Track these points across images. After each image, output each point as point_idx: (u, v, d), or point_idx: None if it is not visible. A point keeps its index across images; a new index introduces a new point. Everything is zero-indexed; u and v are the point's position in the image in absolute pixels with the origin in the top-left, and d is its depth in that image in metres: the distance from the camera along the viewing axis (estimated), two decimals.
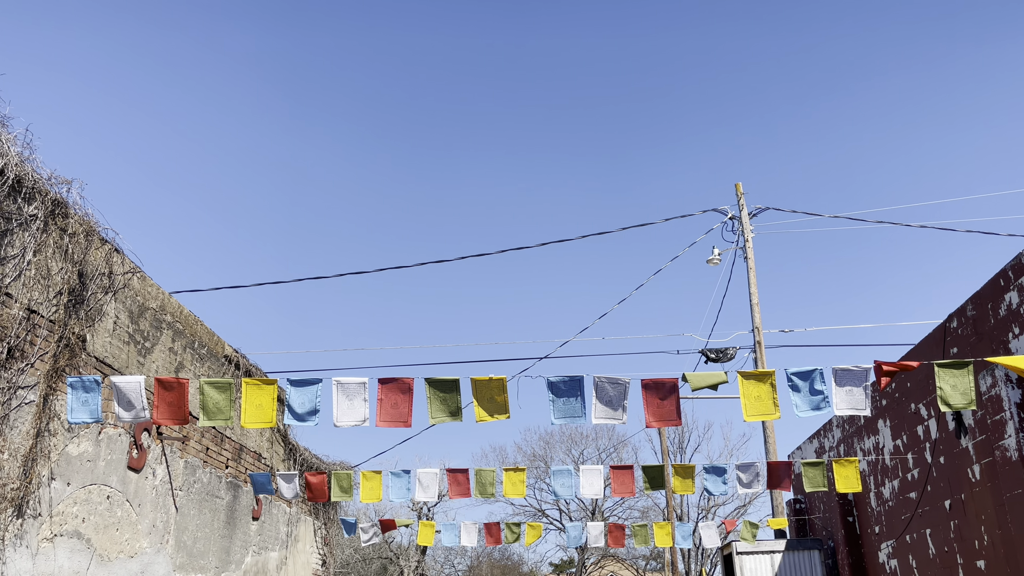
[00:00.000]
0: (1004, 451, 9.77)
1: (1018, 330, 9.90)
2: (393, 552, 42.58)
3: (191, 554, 10.20)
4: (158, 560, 9.40)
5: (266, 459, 12.83)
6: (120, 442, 8.67)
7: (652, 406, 7.77)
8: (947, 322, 11.71)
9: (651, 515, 45.13)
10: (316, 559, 15.15)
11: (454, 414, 7.57)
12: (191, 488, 10.29)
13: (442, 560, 52.10)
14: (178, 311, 10.15)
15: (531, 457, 48.68)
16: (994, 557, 10.70)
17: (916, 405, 12.91)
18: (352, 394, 7.59)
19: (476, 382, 7.66)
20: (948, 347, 11.60)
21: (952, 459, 11.78)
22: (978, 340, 10.82)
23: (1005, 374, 9.81)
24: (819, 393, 7.48)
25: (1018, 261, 9.94)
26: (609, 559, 51.77)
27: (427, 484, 12.04)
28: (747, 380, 7.62)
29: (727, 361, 18.80)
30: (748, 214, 19.51)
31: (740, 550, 16.33)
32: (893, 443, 13.85)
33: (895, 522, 13.98)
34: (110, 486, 8.47)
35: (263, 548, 12.58)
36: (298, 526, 14.27)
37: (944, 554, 12.20)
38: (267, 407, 7.47)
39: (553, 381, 7.74)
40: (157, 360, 9.52)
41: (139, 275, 9.17)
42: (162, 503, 9.55)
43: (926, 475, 12.65)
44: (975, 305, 10.93)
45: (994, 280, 10.44)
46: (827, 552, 16.64)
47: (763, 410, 7.56)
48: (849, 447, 15.87)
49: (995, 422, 9.97)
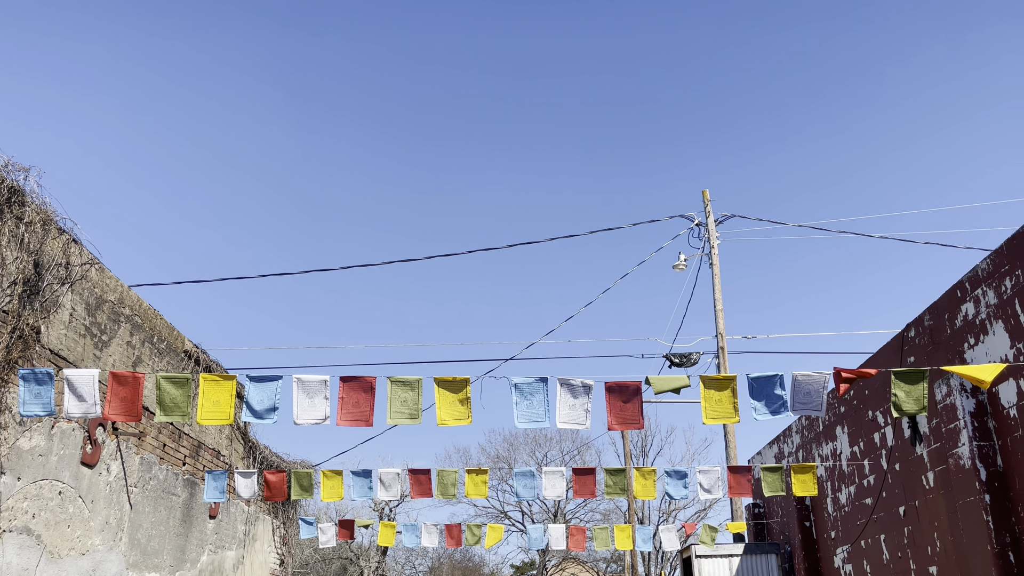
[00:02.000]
0: (958, 459, 9.96)
1: (973, 340, 10.11)
2: (353, 552, 42.26)
3: (145, 552, 10.02)
4: (110, 558, 9.22)
5: (225, 457, 12.65)
6: (74, 437, 8.49)
7: (615, 409, 7.79)
8: (905, 331, 11.92)
9: (613, 518, 45.35)
10: (274, 559, 14.98)
11: (414, 416, 7.52)
12: (146, 485, 10.10)
13: (403, 561, 51.85)
14: (137, 304, 9.97)
15: (495, 458, 48.67)
16: (946, 563, 10.91)
17: (873, 412, 13.12)
18: (313, 392, 7.51)
19: (440, 383, 7.62)
20: (906, 356, 11.80)
21: (907, 466, 11.98)
22: (935, 349, 11.02)
23: (960, 383, 10.00)
24: (778, 398, 7.56)
25: (975, 273, 10.14)
26: (570, 561, 51.90)
27: (389, 484, 11.97)
28: (708, 384, 7.68)
29: (691, 366, 18.96)
30: (714, 221, 19.70)
31: (699, 553, 16.46)
32: (850, 449, 14.06)
33: (851, 527, 14.19)
34: (62, 482, 8.29)
35: (220, 547, 12.40)
36: (256, 525, 14.09)
37: (898, 560, 12.41)
38: (225, 404, 7.36)
39: (518, 383, 7.73)
40: (114, 354, 9.33)
41: (97, 267, 8.99)
42: (116, 500, 9.36)
43: (881, 481, 12.85)
44: (932, 315, 11.13)
45: (951, 291, 10.65)
46: (784, 556, 16.84)
47: (723, 414, 7.62)
48: (808, 453, 16.08)
49: (949, 430, 10.16)
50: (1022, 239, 9.11)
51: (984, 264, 9.90)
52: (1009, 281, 9.36)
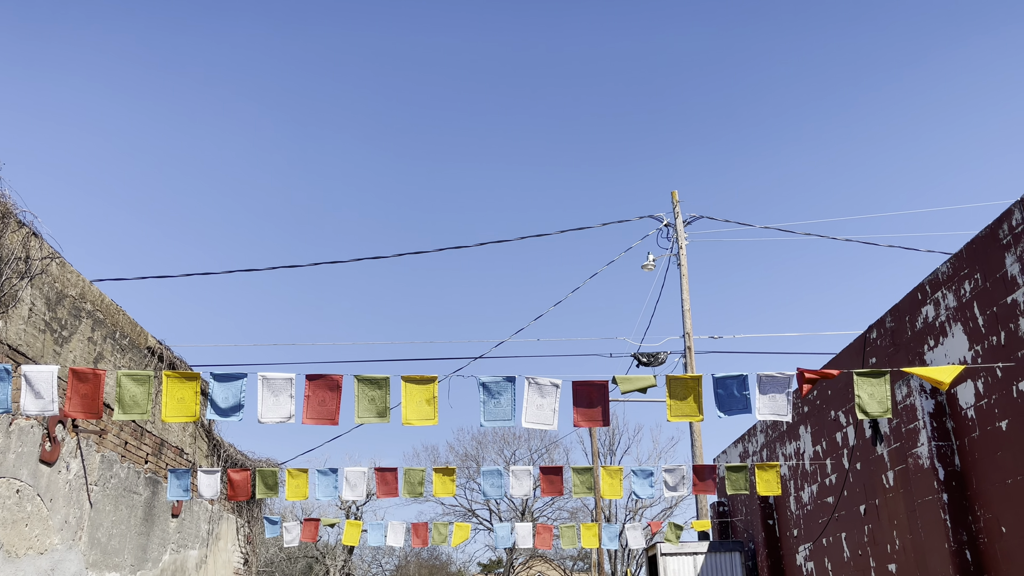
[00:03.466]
0: (917, 458, 10.15)
1: (933, 342, 10.30)
2: (319, 551, 41.97)
3: (105, 551, 9.86)
4: (69, 557, 9.06)
5: (188, 455, 12.49)
6: (32, 434, 8.33)
7: (582, 407, 7.83)
8: (867, 333, 12.11)
9: (581, 516, 45.55)
10: (238, 558, 14.83)
11: (381, 414, 7.49)
12: (107, 483, 9.95)
13: (369, 560, 51.60)
14: (99, 300, 9.81)
15: (463, 457, 48.64)
16: (905, 561, 11.11)
17: (836, 412, 13.32)
18: (278, 390, 7.45)
19: (407, 381, 7.60)
20: (868, 357, 12.00)
21: (868, 465, 12.19)
22: (896, 351, 11.22)
23: (920, 384, 10.19)
24: (742, 398, 7.65)
25: (935, 277, 10.34)
26: (537, 559, 52.04)
27: (355, 483, 11.90)
28: (674, 384, 7.75)
29: (658, 365, 19.12)
30: (683, 222, 19.86)
31: (664, 551, 16.61)
32: (813, 449, 14.26)
33: (813, 526, 14.40)
34: (20, 479, 8.13)
35: (182, 546, 12.25)
36: (220, 524, 13.94)
37: (858, 557, 12.61)
38: (189, 401, 7.27)
39: (485, 382, 7.73)
40: (75, 350, 9.17)
41: (58, 261, 8.83)
42: (76, 498, 9.21)
43: (843, 480, 13.06)
44: (894, 317, 11.33)
45: (912, 294, 10.84)
46: (748, 554, 17.03)
47: (687, 412, 7.70)
48: (772, 452, 16.28)
49: (909, 430, 10.35)
50: (981, 244, 9.31)
51: (944, 268, 10.09)
52: (968, 284, 9.56)
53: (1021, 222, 8.57)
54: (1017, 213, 8.64)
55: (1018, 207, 8.62)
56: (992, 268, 9.08)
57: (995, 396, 9.06)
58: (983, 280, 9.26)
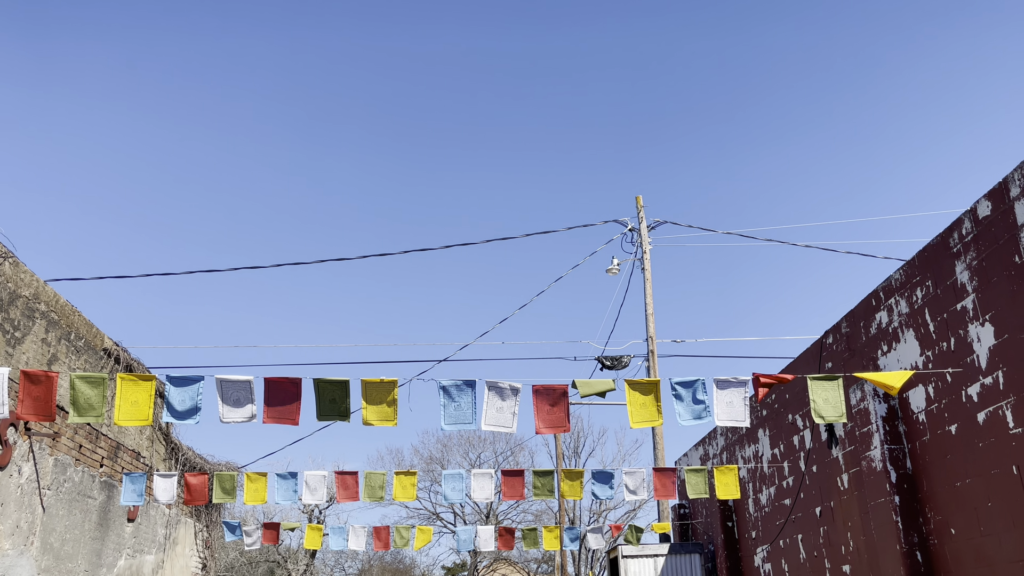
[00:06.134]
0: (870, 461, 10.35)
1: (886, 348, 10.52)
2: (281, 555, 41.54)
3: (58, 557, 9.69)
4: (21, 563, 8.89)
5: (145, 458, 12.31)
6: None
7: (542, 412, 7.87)
8: (823, 338, 12.33)
9: (544, 519, 45.66)
10: (196, 562, 14.64)
11: (343, 415, 7.47)
12: (61, 487, 9.77)
13: (332, 564, 51.20)
14: (54, 300, 9.64)
15: (427, 460, 48.51)
16: (859, 562, 11.33)
17: (793, 416, 13.54)
18: (237, 392, 7.39)
19: (367, 384, 7.58)
20: (824, 362, 12.22)
21: (824, 468, 12.40)
22: (851, 356, 11.44)
23: (873, 389, 10.40)
24: (700, 403, 7.75)
25: (889, 283, 10.57)
26: (502, 562, 52.05)
27: (315, 487, 11.83)
28: (634, 388, 7.83)
29: (622, 368, 19.26)
30: (647, 227, 20.05)
31: (625, 554, 16.74)
32: (771, 452, 14.48)
33: (770, 527, 14.61)
34: None
35: (138, 551, 12.07)
36: (178, 528, 13.75)
37: (814, 558, 12.83)
38: (143, 404, 7.18)
39: (445, 385, 7.74)
40: (28, 351, 9.01)
41: (11, 260, 8.67)
42: (28, 503, 9.03)
43: (799, 483, 13.27)
44: (849, 323, 11.55)
45: (867, 300, 11.07)
46: (707, 556, 17.23)
47: (648, 417, 7.78)
48: (731, 455, 16.49)
49: (863, 434, 10.56)
50: (933, 252, 9.54)
51: (897, 274, 10.32)
52: (920, 291, 9.78)
53: (971, 231, 8.81)
54: (967, 222, 8.87)
55: (968, 216, 8.85)
56: (943, 276, 9.31)
57: (945, 401, 9.28)
58: (934, 287, 9.49)
